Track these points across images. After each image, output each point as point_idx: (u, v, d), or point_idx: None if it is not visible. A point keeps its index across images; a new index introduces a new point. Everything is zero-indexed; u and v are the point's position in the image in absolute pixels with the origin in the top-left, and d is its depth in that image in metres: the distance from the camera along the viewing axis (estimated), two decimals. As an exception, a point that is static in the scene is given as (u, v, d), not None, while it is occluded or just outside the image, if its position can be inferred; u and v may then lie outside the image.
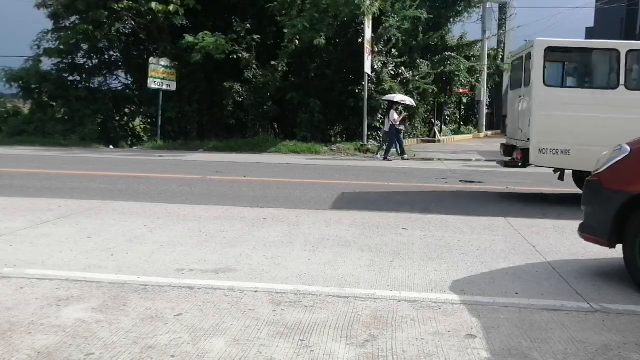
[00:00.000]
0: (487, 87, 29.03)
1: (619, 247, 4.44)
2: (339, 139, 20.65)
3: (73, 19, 21.14)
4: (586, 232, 4.75)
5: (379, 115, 20.10)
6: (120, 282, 4.19)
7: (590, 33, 37.41)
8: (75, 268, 4.54)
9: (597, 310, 3.85)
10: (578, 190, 8.23)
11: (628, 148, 4.48)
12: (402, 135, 17.52)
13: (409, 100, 18.31)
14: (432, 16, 21.14)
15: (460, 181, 11.27)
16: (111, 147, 19.71)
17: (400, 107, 17.89)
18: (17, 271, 4.39)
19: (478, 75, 27.08)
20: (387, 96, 18.62)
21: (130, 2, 19.26)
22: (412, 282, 4.39)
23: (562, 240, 6.00)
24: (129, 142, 21.22)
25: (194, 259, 4.91)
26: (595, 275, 4.73)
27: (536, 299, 4.04)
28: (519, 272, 4.74)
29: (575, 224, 6.84)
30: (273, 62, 19.57)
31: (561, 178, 8.87)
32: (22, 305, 3.66)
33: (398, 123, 16.71)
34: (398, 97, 18.18)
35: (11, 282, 4.14)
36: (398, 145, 16.91)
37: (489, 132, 29.48)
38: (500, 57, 30.81)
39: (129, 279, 4.26)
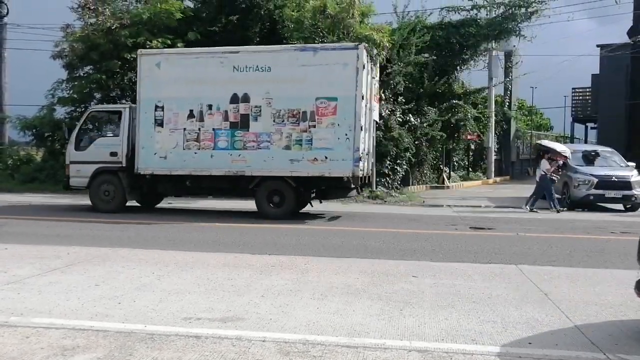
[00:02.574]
0: (495, 133, 29.18)
1: (633, 301, 4.33)
2: (348, 185, 20.63)
3: (87, 68, 21.66)
4: None
5: (387, 162, 20.16)
6: (127, 331, 4.15)
7: (596, 79, 37.95)
8: (82, 316, 4.51)
9: (613, 361, 3.75)
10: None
11: None
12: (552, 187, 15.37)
13: (569, 153, 15.96)
14: (435, 57, 21.38)
15: (470, 227, 11.19)
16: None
17: (552, 156, 15.51)
18: (23, 320, 4.37)
19: (485, 122, 27.26)
20: (547, 143, 17.44)
21: (143, 52, 19.72)
22: (422, 331, 4.31)
23: (574, 288, 5.90)
24: (139, 189, 21.31)
25: (201, 307, 4.86)
26: (610, 325, 4.62)
27: (550, 349, 3.95)
28: (531, 320, 4.65)
29: (588, 271, 6.81)
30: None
31: None
32: (27, 356, 3.62)
33: (551, 172, 15.03)
34: (560, 147, 16.28)
35: (17, 331, 4.11)
36: (549, 197, 14.98)
37: (498, 178, 29.41)
38: (507, 103, 31.20)
39: (135, 327, 4.22)
